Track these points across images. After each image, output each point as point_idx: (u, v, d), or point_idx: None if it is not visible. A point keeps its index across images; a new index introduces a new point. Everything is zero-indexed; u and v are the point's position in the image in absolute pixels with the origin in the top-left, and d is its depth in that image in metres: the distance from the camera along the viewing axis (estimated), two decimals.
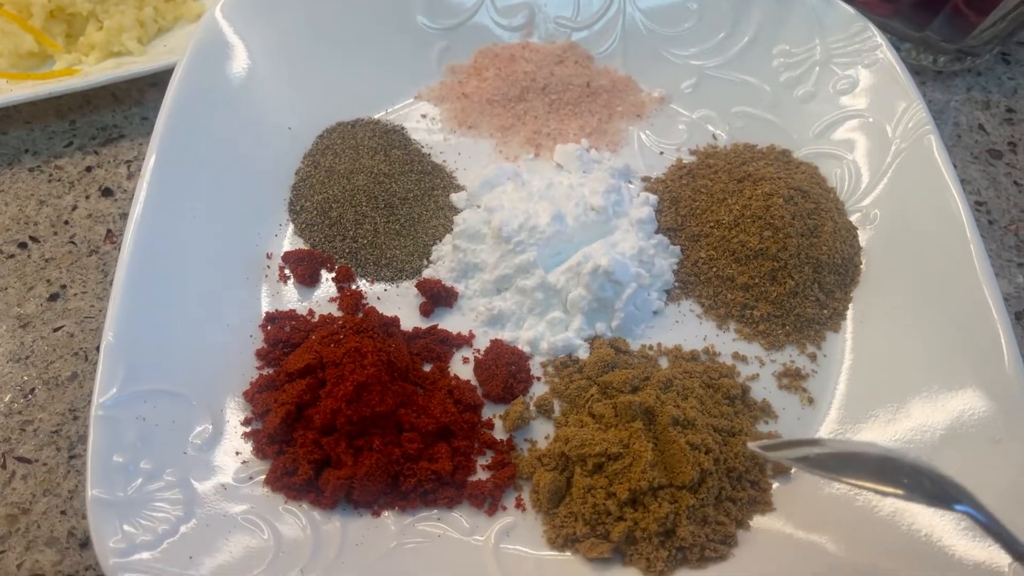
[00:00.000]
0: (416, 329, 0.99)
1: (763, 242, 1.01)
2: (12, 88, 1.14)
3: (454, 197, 1.10)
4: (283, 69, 1.13)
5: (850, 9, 1.17)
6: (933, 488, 0.64)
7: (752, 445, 0.79)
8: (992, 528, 0.63)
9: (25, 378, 0.96)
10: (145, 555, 0.75)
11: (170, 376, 0.86)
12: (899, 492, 0.64)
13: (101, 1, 1.20)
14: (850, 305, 1.03)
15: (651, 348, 1.00)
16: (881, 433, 0.90)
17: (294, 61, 1.14)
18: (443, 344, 0.98)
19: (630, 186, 1.11)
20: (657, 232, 1.07)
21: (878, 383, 0.95)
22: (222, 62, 1.08)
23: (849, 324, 1.02)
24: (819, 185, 1.09)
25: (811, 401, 0.97)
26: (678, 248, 1.06)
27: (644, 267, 1.01)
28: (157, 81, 1.20)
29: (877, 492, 0.65)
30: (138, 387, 0.83)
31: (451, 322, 1.01)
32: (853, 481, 0.67)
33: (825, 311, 1.02)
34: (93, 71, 1.17)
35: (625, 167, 1.13)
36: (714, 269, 1.04)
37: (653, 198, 1.09)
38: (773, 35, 1.20)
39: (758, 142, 1.17)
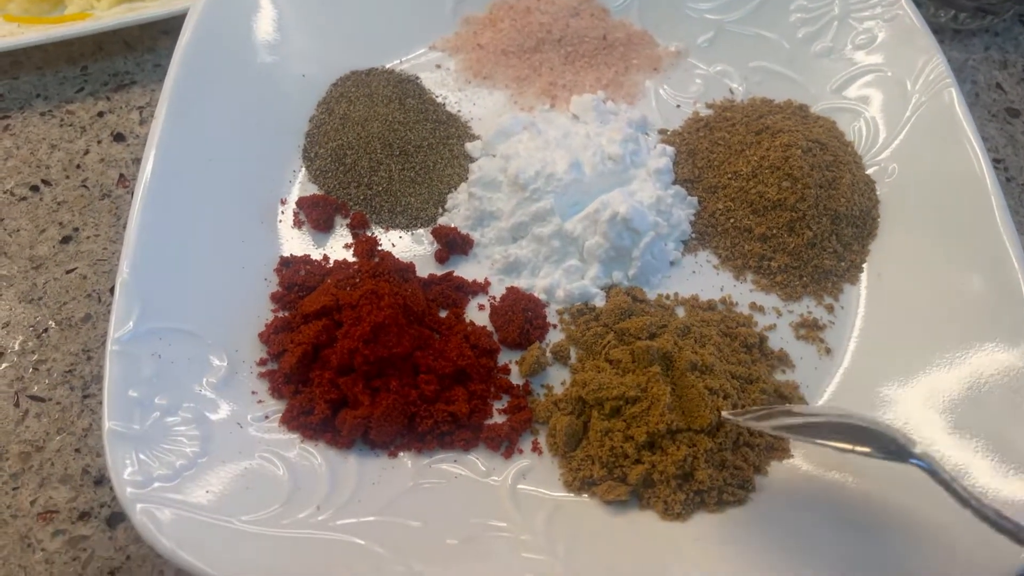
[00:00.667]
0: (432, 276, 0.99)
1: (781, 193, 1.00)
2: (24, 32, 1.13)
3: (469, 146, 1.09)
4: (297, 15, 1.12)
5: None
6: (896, 447, 0.68)
7: (727, 414, 0.82)
8: (943, 480, 0.67)
9: (38, 318, 0.95)
10: (161, 487, 0.74)
11: (185, 315, 0.85)
12: (867, 450, 0.68)
13: None
14: (868, 258, 1.02)
15: (668, 298, 0.99)
16: (899, 384, 0.90)
17: (308, 7, 1.13)
18: (459, 291, 0.98)
19: (647, 138, 1.10)
20: (674, 183, 1.06)
21: (896, 335, 0.94)
22: (236, 7, 1.07)
23: (867, 277, 1.01)
24: (837, 138, 1.09)
25: (828, 351, 0.96)
26: (695, 199, 1.06)
27: (662, 216, 1.01)
28: (169, 29, 1.19)
29: (844, 451, 0.69)
30: (153, 324, 0.83)
31: (466, 270, 1.00)
32: (823, 443, 0.71)
33: (843, 263, 1.01)
34: (105, 16, 1.16)
35: (642, 119, 1.12)
36: (731, 220, 1.03)
37: (670, 149, 1.08)
38: None
39: (775, 97, 1.16)
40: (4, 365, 0.92)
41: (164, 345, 0.82)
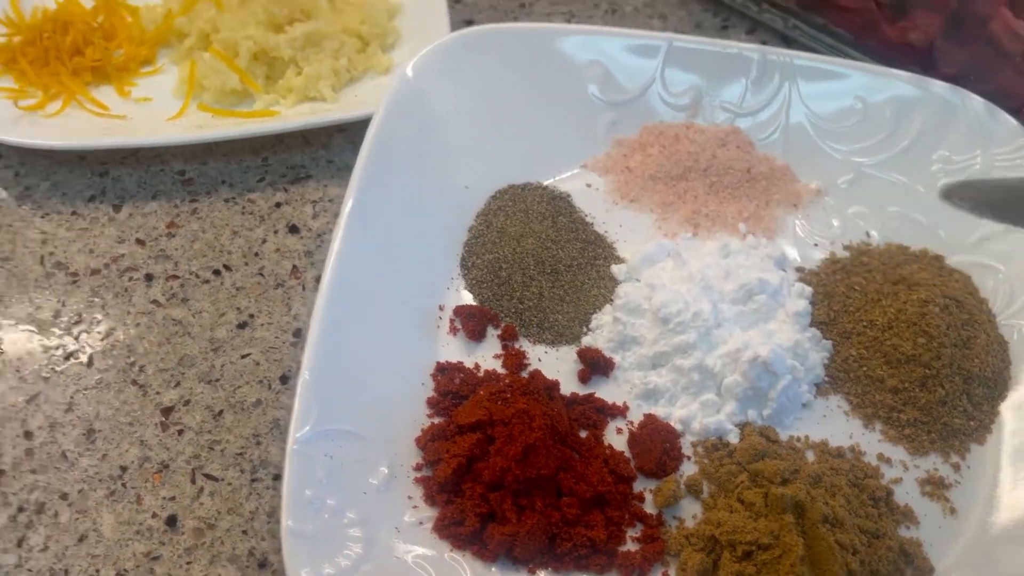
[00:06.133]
0: (574, 395, 1.04)
1: (916, 348, 1.04)
2: (216, 123, 1.24)
3: (614, 268, 1.15)
4: (464, 129, 1.19)
5: (1016, 123, 1.19)
6: None
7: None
8: None
9: (215, 399, 1.04)
10: None
11: (355, 418, 0.93)
12: None
13: (302, 49, 1.30)
14: (997, 419, 1.05)
15: (799, 440, 1.03)
16: None
17: (474, 122, 1.20)
18: (599, 412, 1.03)
19: (785, 275, 1.15)
20: (810, 325, 1.11)
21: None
22: (412, 118, 1.15)
23: (997, 438, 1.03)
24: (973, 295, 1.12)
25: (953, 511, 0.98)
26: (830, 343, 1.09)
27: (798, 360, 1.05)
28: (344, 127, 1.29)
29: None
30: (328, 426, 0.90)
31: (606, 391, 1.06)
32: None
33: (972, 423, 1.04)
34: (290, 114, 1.27)
35: (781, 256, 1.17)
36: (864, 368, 1.07)
37: (808, 290, 1.13)
38: (934, 140, 1.23)
39: (911, 243, 1.19)
40: (184, 441, 1.00)
41: (336, 447, 0.90)
